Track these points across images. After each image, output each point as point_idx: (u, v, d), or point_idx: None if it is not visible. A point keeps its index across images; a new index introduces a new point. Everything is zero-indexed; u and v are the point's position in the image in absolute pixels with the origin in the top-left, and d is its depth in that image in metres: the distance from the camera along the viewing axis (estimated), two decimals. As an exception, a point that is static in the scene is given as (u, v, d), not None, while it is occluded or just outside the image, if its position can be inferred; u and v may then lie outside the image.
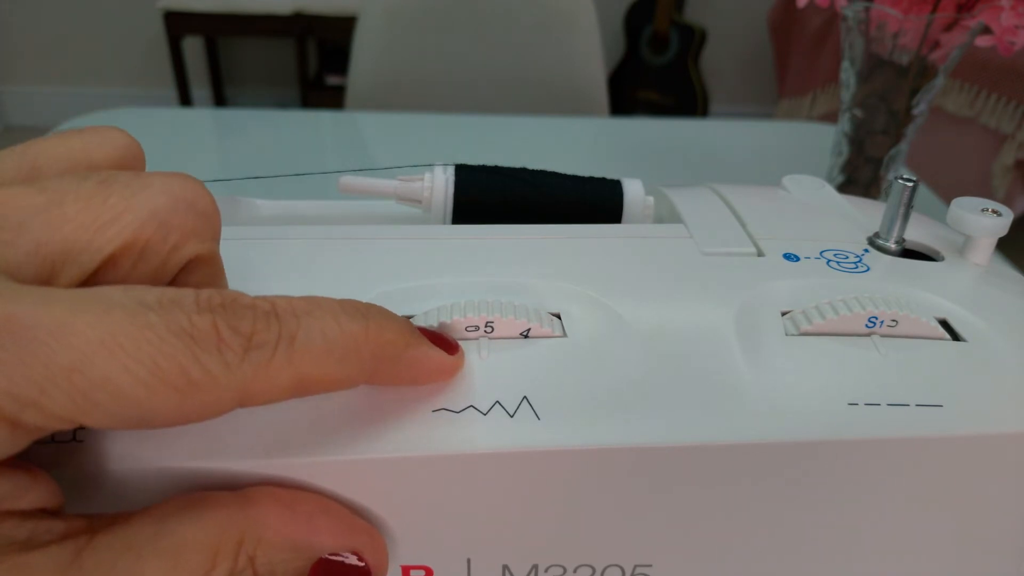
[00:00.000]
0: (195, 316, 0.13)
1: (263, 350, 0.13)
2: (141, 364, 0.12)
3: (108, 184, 0.15)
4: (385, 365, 0.15)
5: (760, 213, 0.24)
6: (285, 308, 0.14)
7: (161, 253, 0.15)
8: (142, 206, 0.15)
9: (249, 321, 0.13)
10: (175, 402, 0.12)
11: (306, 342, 0.14)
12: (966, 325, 0.20)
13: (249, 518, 0.15)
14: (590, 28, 0.95)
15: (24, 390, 0.12)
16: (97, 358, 0.12)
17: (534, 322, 0.19)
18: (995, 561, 0.20)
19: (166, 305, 0.13)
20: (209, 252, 0.16)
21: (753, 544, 0.19)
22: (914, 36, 0.43)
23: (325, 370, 0.14)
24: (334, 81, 2.05)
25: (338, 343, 0.14)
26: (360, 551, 0.16)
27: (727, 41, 2.25)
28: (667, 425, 0.17)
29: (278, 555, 0.15)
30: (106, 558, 0.13)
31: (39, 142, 0.16)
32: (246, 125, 0.69)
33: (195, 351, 0.12)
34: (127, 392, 0.12)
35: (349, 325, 0.14)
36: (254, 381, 0.13)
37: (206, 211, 0.16)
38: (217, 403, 0.13)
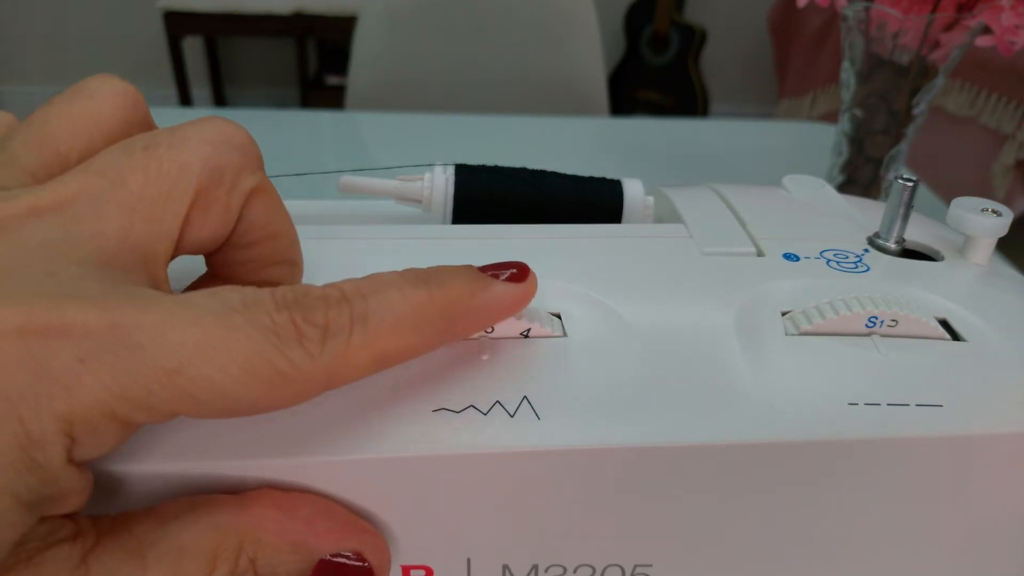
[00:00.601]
0: (275, 314, 0.14)
1: (339, 336, 0.14)
2: (234, 363, 0.13)
3: (153, 148, 0.15)
4: (458, 321, 0.16)
5: (760, 213, 0.24)
6: (352, 291, 0.15)
7: (221, 197, 0.16)
8: (193, 159, 0.15)
9: (322, 312, 0.14)
10: (267, 392, 0.13)
11: (377, 320, 0.14)
12: (966, 325, 0.20)
13: (249, 521, 0.15)
14: (590, 28, 0.95)
15: (133, 392, 0.13)
16: (194, 360, 0.13)
17: (534, 322, 0.19)
18: (995, 561, 0.20)
19: (249, 306, 0.14)
20: (261, 182, 0.17)
21: (753, 544, 0.19)
22: (914, 36, 0.43)
23: (400, 342, 0.15)
24: (334, 81, 2.05)
25: (407, 314, 0.15)
26: (361, 551, 0.16)
27: (727, 41, 2.25)
28: (667, 425, 0.17)
29: (279, 557, 0.15)
30: (110, 562, 0.14)
31: (42, 122, 0.16)
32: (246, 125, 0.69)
33: (279, 346, 0.13)
34: (224, 388, 0.13)
35: (413, 294, 0.15)
36: (336, 365, 0.14)
37: (244, 144, 0.17)
38: (305, 389, 0.14)
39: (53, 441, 0.12)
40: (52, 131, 0.16)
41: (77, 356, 0.12)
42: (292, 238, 0.18)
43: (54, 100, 0.17)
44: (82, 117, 0.16)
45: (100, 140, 0.16)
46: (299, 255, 0.19)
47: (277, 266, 0.18)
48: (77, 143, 0.16)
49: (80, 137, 0.16)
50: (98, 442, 0.13)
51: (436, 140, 0.68)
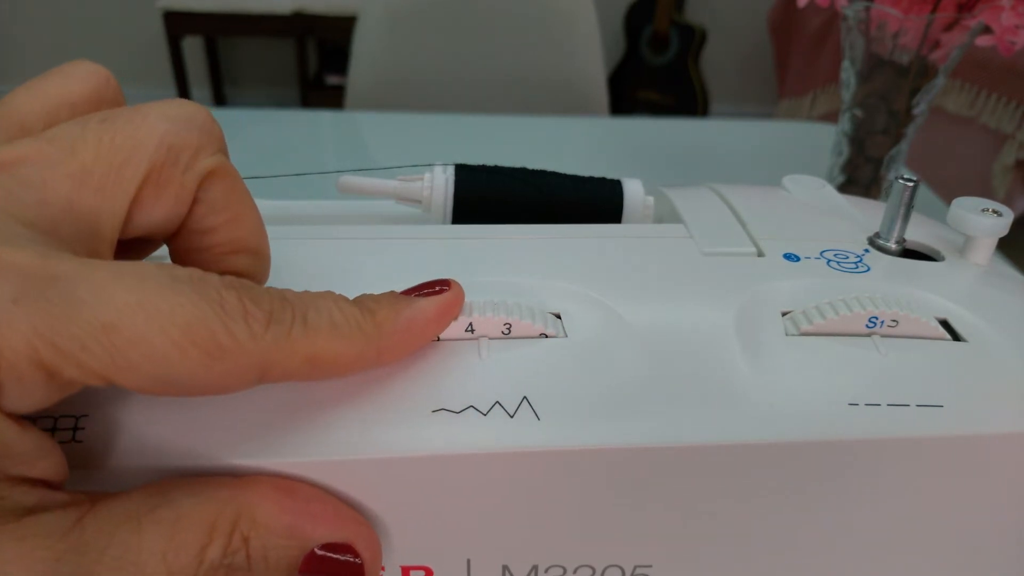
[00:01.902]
0: (223, 291, 0.14)
1: (282, 325, 0.14)
2: (175, 325, 0.13)
3: (110, 123, 0.15)
4: (387, 335, 0.16)
5: (760, 213, 0.24)
6: (292, 296, 0.15)
7: (176, 176, 0.16)
8: (149, 136, 0.15)
9: (267, 300, 0.14)
10: (204, 365, 0.13)
11: (316, 321, 0.15)
12: (966, 325, 0.20)
13: (247, 499, 0.15)
14: (590, 28, 0.95)
15: (66, 343, 0.12)
16: (135, 318, 0.12)
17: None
18: (995, 561, 0.20)
19: (196, 279, 0.14)
20: (220, 164, 0.17)
21: (753, 544, 0.19)
22: (914, 36, 0.43)
23: (335, 346, 0.15)
24: (334, 81, 2.05)
25: (342, 324, 0.15)
26: (354, 543, 0.16)
27: (727, 41, 2.25)
28: (667, 425, 0.17)
29: (272, 539, 0.15)
30: (106, 526, 0.13)
31: (12, 99, 0.16)
32: (246, 125, 0.69)
33: (224, 318, 0.13)
34: (160, 352, 0.13)
35: (348, 307, 0.16)
36: (275, 352, 0.14)
37: (205, 125, 0.16)
38: (241, 372, 0.14)
39: None
40: (19, 105, 0.16)
41: (11, 295, 0.12)
42: (254, 225, 0.18)
43: (31, 80, 0.17)
44: (50, 94, 0.16)
45: (64, 115, 0.16)
46: (264, 245, 0.18)
47: (239, 255, 0.18)
48: (40, 116, 0.16)
49: (43, 111, 0.16)
50: (23, 392, 0.12)
51: (436, 140, 0.68)
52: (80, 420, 0.16)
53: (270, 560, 0.15)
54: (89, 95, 0.17)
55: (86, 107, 0.17)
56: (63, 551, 0.13)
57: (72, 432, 0.16)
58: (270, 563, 0.15)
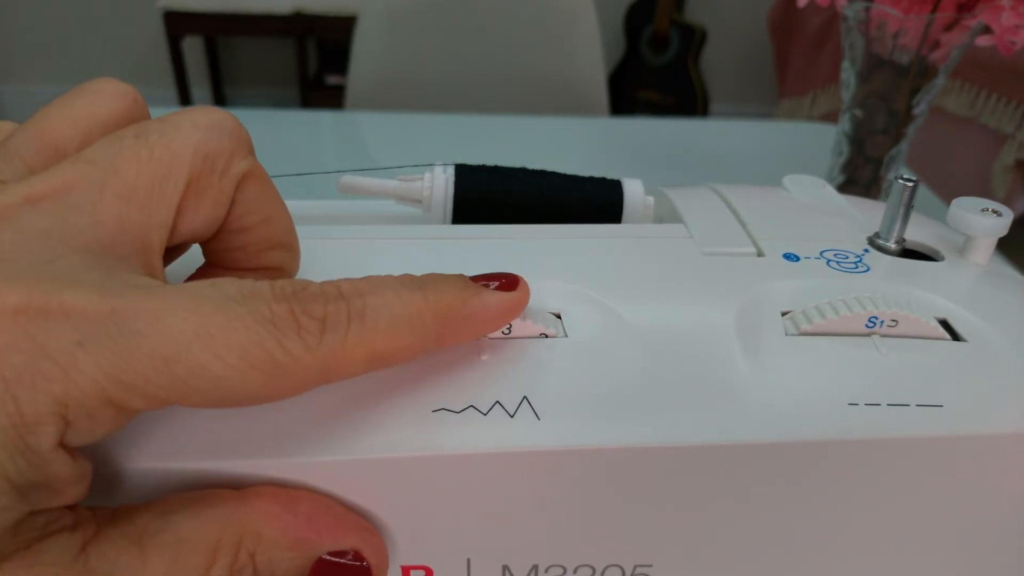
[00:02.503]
0: (274, 305, 0.14)
1: (337, 331, 0.14)
2: (231, 351, 0.13)
3: (144, 137, 0.15)
4: (450, 325, 0.16)
5: (760, 213, 0.24)
6: (349, 290, 0.15)
7: (214, 182, 0.16)
8: (184, 146, 0.15)
9: (321, 306, 0.14)
10: (263, 383, 0.13)
11: (374, 319, 0.15)
12: (966, 325, 0.20)
13: (249, 515, 0.15)
14: (590, 28, 0.95)
15: (130, 378, 0.12)
16: (193, 347, 0.13)
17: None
18: (995, 561, 0.20)
19: (248, 296, 0.14)
20: (252, 167, 0.17)
21: (753, 544, 0.19)
22: (914, 36, 0.43)
23: (395, 342, 0.15)
24: (334, 81, 2.05)
25: (402, 315, 0.15)
26: (360, 550, 0.16)
27: (727, 41, 2.25)
28: (667, 425, 0.17)
29: (278, 553, 0.15)
30: (110, 552, 0.14)
31: (42, 119, 0.16)
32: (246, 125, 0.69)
33: (278, 336, 0.13)
34: (220, 377, 0.13)
35: (409, 296, 0.15)
36: (332, 359, 0.14)
37: (235, 130, 0.17)
38: (302, 381, 0.14)
39: (47, 423, 0.12)
40: (50, 127, 0.16)
41: (75, 339, 0.12)
42: (286, 222, 0.18)
43: (57, 99, 0.17)
44: (81, 114, 0.16)
45: (97, 136, 0.16)
46: (295, 239, 0.19)
47: (273, 251, 0.18)
48: (75, 139, 0.16)
49: (78, 133, 0.16)
50: (92, 427, 0.13)
51: (436, 140, 0.68)
52: (80, 420, 0.16)
53: (278, 573, 0.15)
54: (119, 115, 0.17)
55: (116, 127, 0.17)
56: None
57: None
58: (278, 575, 0.15)
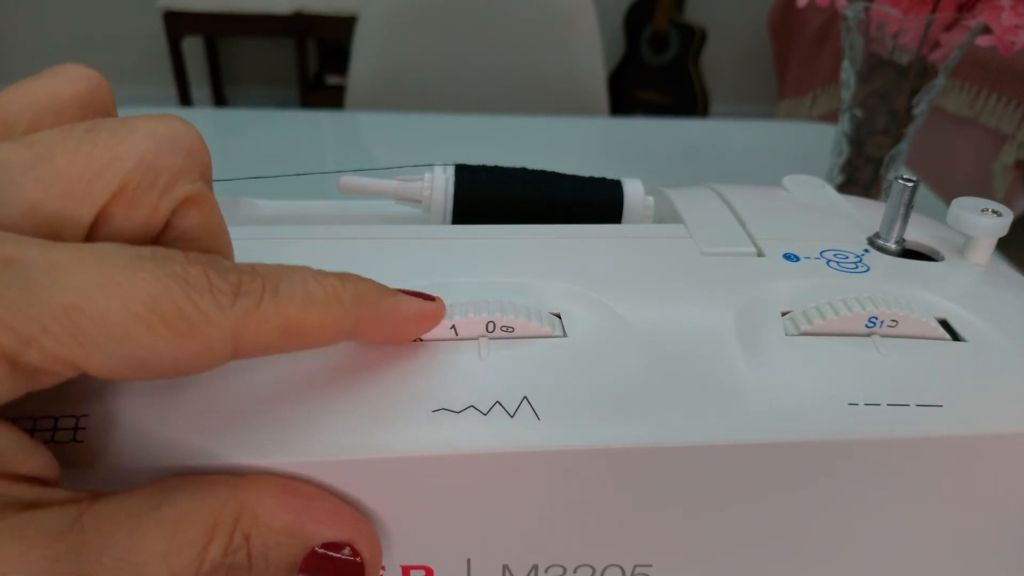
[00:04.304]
0: (187, 265, 0.13)
1: (250, 296, 0.14)
2: (138, 301, 0.12)
3: (94, 133, 0.15)
4: (365, 312, 0.16)
5: (760, 213, 0.24)
6: (265, 268, 0.15)
7: (151, 198, 0.15)
8: (128, 152, 0.15)
9: (235, 273, 0.14)
10: (172, 342, 0.13)
11: (288, 293, 0.14)
12: (966, 325, 0.20)
13: (248, 497, 0.15)
14: (590, 28, 0.95)
15: (25, 326, 0.12)
16: (96, 296, 0.12)
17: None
18: (995, 561, 0.20)
19: (159, 255, 0.13)
20: (199, 192, 0.16)
21: (753, 544, 0.19)
22: (914, 36, 0.43)
23: (310, 317, 0.15)
24: (334, 81, 2.05)
25: (318, 293, 0.15)
26: (355, 543, 0.16)
27: (727, 41, 2.25)
28: (667, 425, 0.17)
29: (273, 538, 0.15)
30: (105, 525, 0.13)
31: (2, 95, 0.16)
32: (246, 125, 0.69)
33: (189, 292, 0.13)
34: (125, 329, 0.12)
35: (326, 279, 0.15)
36: (245, 325, 0.14)
37: (192, 149, 0.16)
38: (212, 346, 0.13)
39: None
40: (5, 102, 0.16)
41: None
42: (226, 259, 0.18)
43: (23, 79, 0.17)
44: (37, 93, 0.16)
45: (51, 117, 0.16)
46: None
47: None
48: (25, 115, 0.16)
49: (29, 110, 0.16)
50: None
51: (436, 140, 0.68)
52: (80, 420, 0.16)
53: (271, 559, 0.15)
54: (78, 98, 0.16)
55: (74, 110, 0.16)
56: (61, 551, 0.13)
57: (72, 432, 0.16)
58: (271, 562, 0.15)
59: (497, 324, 0.18)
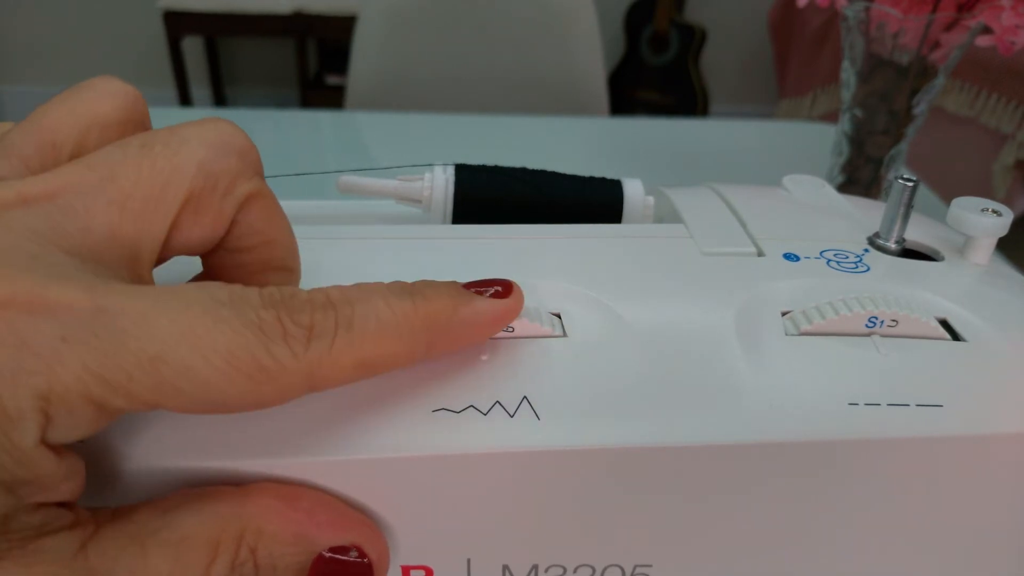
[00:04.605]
0: (261, 311, 0.14)
1: (324, 338, 0.14)
2: (218, 354, 0.13)
3: (149, 147, 0.15)
4: (440, 333, 0.16)
5: (760, 213, 0.24)
6: (338, 298, 0.15)
7: (214, 203, 0.16)
8: (187, 162, 0.15)
9: (308, 314, 0.14)
10: (249, 388, 0.13)
11: (362, 326, 0.14)
12: (966, 325, 0.20)
13: (250, 511, 0.15)
14: (590, 28, 0.95)
15: (114, 376, 0.12)
16: (180, 348, 0.13)
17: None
18: (995, 561, 0.20)
19: (236, 301, 0.14)
20: (258, 188, 0.17)
21: (753, 544, 0.19)
22: (914, 36, 0.43)
23: (383, 349, 0.15)
24: (334, 81, 2.05)
25: (390, 323, 0.15)
26: (361, 545, 0.16)
27: (727, 41, 2.25)
28: (667, 425, 0.17)
29: (279, 548, 0.15)
30: (110, 550, 0.14)
31: (42, 115, 0.16)
32: (246, 125, 0.69)
33: (265, 342, 0.13)
34: (206, 379, 0.13)
35: (398, 304, 0.15)
36: (319, 367, 0.14)
37: (243, 149, 0.16)
38: (288, 388, 0.14)
39: (28, 419, 0.12)
40: (49, 123, 0.16)
41: (60, 334, 0.12)
42: (290, 246, 0.18)
43: (56, 97, 0.17)
44: (79, 111, 0.16)
45: (95, 135, 0.16)
46: (297, 262, 0.19)
47: (273, 272, 0.18)
48: (72, 135, 0.16)
49: (75, 130, 0.16)
50: (73, 424, 0.13)
51: (436, 140, 0.68)
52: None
53: (279, 568, 0.15)
54: (119, 115, 0.17)
55: (116, 127, 0.17)
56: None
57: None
58: (279, 571, 0.15)
59: (497, 324, 0.18)
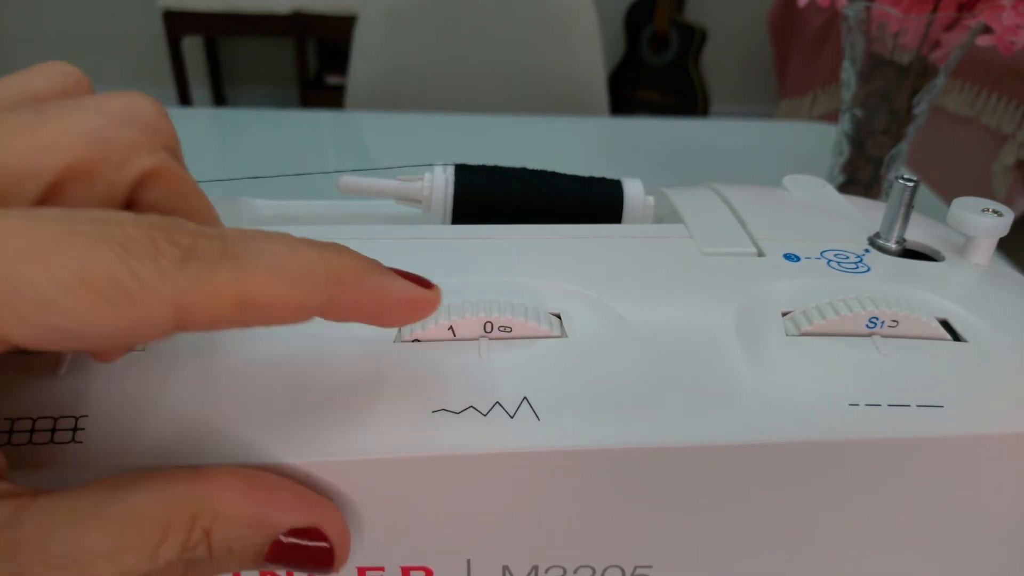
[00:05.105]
0: (130, 227, 0.12)
1: (203, 262, 0.13)
2: (67, 270, 0.12)
3: (44, 111, 0.14)
4: (342, 291, 0.14)
5: (760, 213, 0.24)
6: (236, 233, 0.14)
7: (107, 173, 0.15)
8: (78, 127, 0.14)
9: (190, 236, 0.13)
10: (105, 312, 0.12)
11: (253, 260, 0.13)
12: (966, 325, 0.20)
13: (206, 492, 0.14)
14: (590, 28, 0.95)
15: None
16: (22, 266, 0.11)
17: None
18: (995, 561, 0.20)
19: (99, 219, 0.12)
20: (159, 163, 0.15)
21: (753, 544, 0.19)
22: (915, 35, 0.43)
23: (272, 289, 0.13)
24: (334, 81, 2.05)
25: (289, 264, 0.13)
26: (321, 527, 0.15)
27: (727, 41, 2.25)
28: (667, 425, 0.17)
29: (235, 531, 0.14)
30: (45, 522, 0.13)
31: None
32: (246, 125, 0.69)
33: (126, 258, 0.12)
34: (52, 300, 0.11)
35: (303, 248, 0.14)
36: (191, 292, 0.12)
37: (150, 122, 0.15)
38: (151, 316, 0.12)
39: None
40: None
41: None
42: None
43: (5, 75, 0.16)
44: (14, 86, 0.16)
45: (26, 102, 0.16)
46: None
47: None
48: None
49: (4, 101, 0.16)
50: None
51: (436, 140, 0.68)
52: (80, 420, 0.16)
53: (235, 550, 0.14)
54: (57, 90, 0.16)
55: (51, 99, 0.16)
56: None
57: (72, 432, 0.16)
58: (235, 553, 0.14)
59: (495, 324, 0.18)
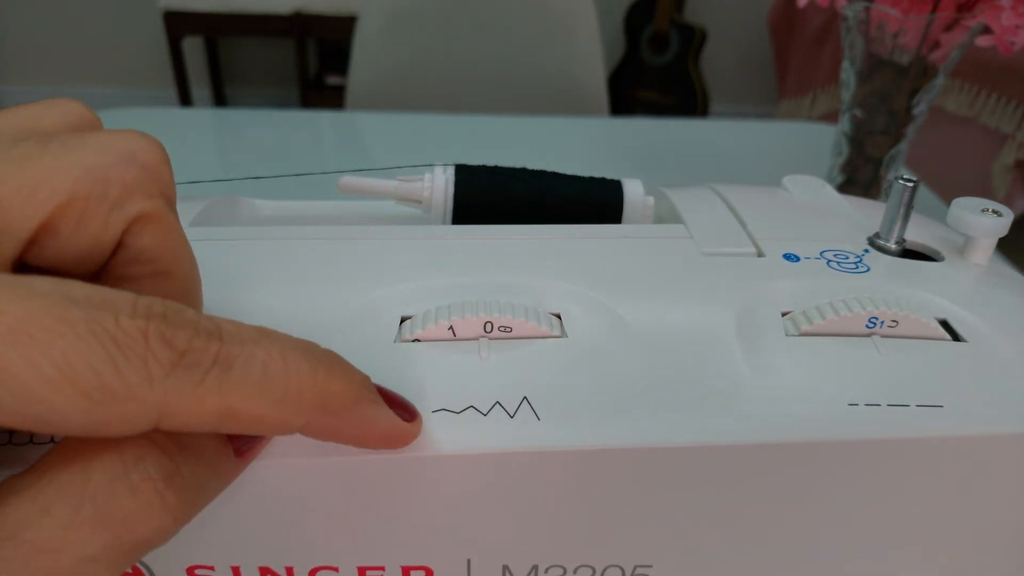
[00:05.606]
0: (124, 319, 0.12)
1: (194, 371, 0.12)
2: (48, 359, 0.11)
3: (44, 145, 0.14)
4: (327, 417, 0.14)
5: (760, 213, 0.24)
6: (230, 331, 0.13)
7: (100, 213, 0.14)
8: (76, 164, 0.14)
9: (186, 336, 0.12)
10: (82, 408, 0.11)
11: (243, 372, 0.12)
12: (966, 325, 0.20)
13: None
14: (590, 28, 0.95)
15: None
16: (6, 351, 0.11)
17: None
18: (995, 561, 0.20)
19: (95, 303, 0.12)
20: (155, 209, 0.15)
21: (753, 544, 0.19)
22: (914, 36, 0.43)
23: (257, 408, 0.13)
24: (334, 81, 2.05)
25: (278, 380, 0.13)
26: None
27: (727, 41, 2.25)
28: (667, 426, 0.17)
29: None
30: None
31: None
32: (246, 125, 0.69)
33: (115, 357, 0.11)
34: (27, 387, 0.11)
35: (297, 362, 0.13)
36: (177, 402, 0.12)
37: (149, 164, 0.15)
38: (131, 418, 0.12)
39: None
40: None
41: None
42: (188, 285, 0.16)
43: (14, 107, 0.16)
44: (19, 117, 0.15)
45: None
46: (198, 305, 0.16)
47: None
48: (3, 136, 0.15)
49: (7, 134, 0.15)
50: None
51: (436, 140, 0.68)
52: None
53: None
54: (60, 127, 0.16)
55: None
56: None
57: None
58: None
59: (495, 324, 0.18)
